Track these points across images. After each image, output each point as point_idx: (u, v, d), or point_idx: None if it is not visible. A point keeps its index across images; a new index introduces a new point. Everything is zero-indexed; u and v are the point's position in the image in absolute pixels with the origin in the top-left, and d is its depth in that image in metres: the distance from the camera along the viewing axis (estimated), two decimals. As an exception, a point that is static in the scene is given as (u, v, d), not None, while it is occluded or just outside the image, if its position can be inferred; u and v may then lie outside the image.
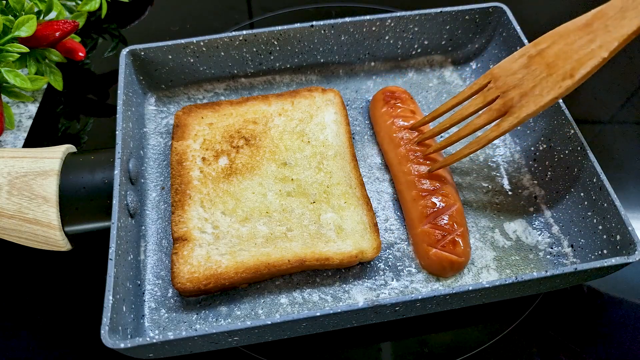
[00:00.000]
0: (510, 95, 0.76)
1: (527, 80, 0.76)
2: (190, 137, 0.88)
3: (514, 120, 0.76)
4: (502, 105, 0.77)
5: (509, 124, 0.76)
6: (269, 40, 0.95)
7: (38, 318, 0.80)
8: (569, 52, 0.73)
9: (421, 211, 0.80)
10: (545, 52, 0.75)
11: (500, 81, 0.79)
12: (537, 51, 0.76)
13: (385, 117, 0.90)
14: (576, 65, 0.71)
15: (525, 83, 0.76)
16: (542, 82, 0.74)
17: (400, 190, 0.85)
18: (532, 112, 0.74)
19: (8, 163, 0.75)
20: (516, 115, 0.76)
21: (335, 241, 0.78)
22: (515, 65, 0.78)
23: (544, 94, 0.74)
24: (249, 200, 0.82)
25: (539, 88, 0.74)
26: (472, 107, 0.81)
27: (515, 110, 0.76)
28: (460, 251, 0.77)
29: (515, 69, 0.78)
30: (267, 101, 0.93)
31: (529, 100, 0.75)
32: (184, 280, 0.73)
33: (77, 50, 1.03)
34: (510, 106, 0.76)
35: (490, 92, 0.79)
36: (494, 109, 0.78)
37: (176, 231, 0.78)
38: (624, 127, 1.03)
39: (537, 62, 0.75)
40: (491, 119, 0.78)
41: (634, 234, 0.72)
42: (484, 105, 0.80)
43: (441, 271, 0.78)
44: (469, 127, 0.80)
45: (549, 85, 0.73)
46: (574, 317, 0.80)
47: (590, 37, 0.71)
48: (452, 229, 0.78)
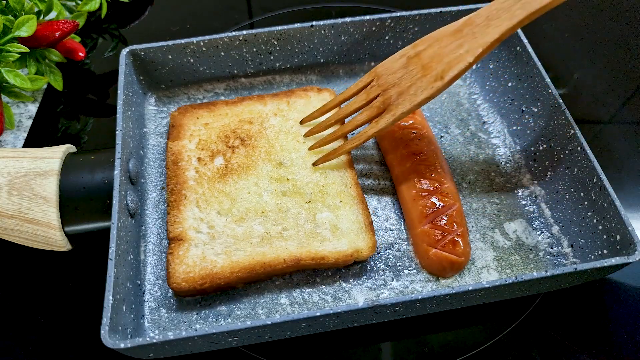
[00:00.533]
0: (390, 93, 0.80)
1: (404, 79, 0.79)
2: (186, 137, 0.88)
3: (390, 117, 0.79)
4: (381, 103, 0.81)
5: (386, 122, 0.79)
6: (269, 40, 0.95)
7: (38, 318, 0.80)
8: (441, 55, 0.76)
9: (421, 211, 0.80)
10: (422, 54, 0.78)
11: (382, 79, 0.82)
12: (415, 52, 0.80)
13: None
14: (446, 67, 0.74)
15: (403, 82, 0.79)
16: (417, 82, 0.77)
17: (400, 190, 0.85)
18: (406, 111, 0.77)
19: (8, 163, 0.75)
20: (392, 113, 0.79)
21: (330, 240, 0.78)
22: (396, 65, 0.81)
23: (417, 94, 0.77)
24: (245, 200, 0.82)
25: (414, 88, 0.77)
26: (355, 104, 0.85)
27: (392, 109, 0.79)
28: (460, 251, 0.77)
29: (396, 68, 0.81)
30: (263, 101, 0.93)
31: (405, 99, 0.78)
32: (179, 280, 0.73)
33: (77, 50, 1.03)
34: (389, 104, 0.80)
35: (372, 90, 0.83)
36: (374, 107, 0.82)
37: (172, 231, 0.78)
38: (624, 127, 1.03)
39: (415, 63, 0.79)
40: (372, 116, 0.82)
41: (634, 234, 0.72)
42: (366, 102, 0.84)
43: (441, 271, 0.78)
44: (352, 124, 0.84)
45: (423, 86, 0.76)
46: (574, 317, 0.80)
47: (460, 42, 0.75)
48: (452, 229, 0.78)
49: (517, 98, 0.94)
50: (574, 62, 1.12)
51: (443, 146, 0.94)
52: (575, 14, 1.22)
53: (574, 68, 1.11)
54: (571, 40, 1.17)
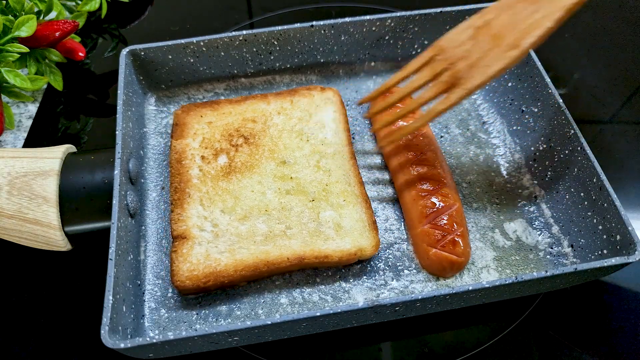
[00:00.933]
0: (458, 67, 0.76)
1: (474, 51, 0.75)
2: (190, 135, 0.89)
3: (461, 92, 0.75)
4: (449, 77, 0.76)
5: (457, 96, 0.75)
6: (269, 40, 0.95)
7: (38, 318, 0.80)
8: (515, 22, 0.72)
9: (421, 211, 0.80)
10: (492, 23, 0.74)
11: (447, 53, 0.77)
12: (484, 22, 0.75)
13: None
14: (521, 35, 0.71)
15: (472, 54, 0.75)
16: (489, 53, 0.73)
17: (400, 190, 0.85)
18: (479, 83, 0.74)
19: (8, 163, 0.75)
20: (464, 87, 0.75)
21: (334, 239, 0.78)
22: (462, 37, 0.77)
23: (491, 65, 0.73)
24: (248, 199, 0.82)
25: (486, 59, 0.73)
26: (419, 80, 0.80)
27: (462, 82, 0.75)
28: (460, 251, 0.77)
29: (462, 40, 0.76)
30: (266, 100, 0.93)
31: (476, 71, 0.74)
32: (183, 278, 0.74)
33: (77, 50, 1.03)
34: (458, 78, 0.75)
35: (437, 64, 0.78)
36: (441, 81, 0.77)
37: (175, 229, 0.78)
38: (624, 127, 1.03)
39: (484, 33, 0.74)
40: (439, 91, 0.77)
41: (634, 234, 0.72)
42: (431, 78, 0.79)
43: (441, 271, 0.78)
44: (418, 101, 0.79)
45: (496, 56, 0.73)
46: (574, 317, 0.80)
47: (535, 7, 0.71)
48: (451, 229, 0.78)
49: (517, 98, 0.94)
50: (574, 62, 1.12)
51: (443, 146, 0.94)
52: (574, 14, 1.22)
53: (574, 68, 1.11)
54: (571, 40, 1.17)
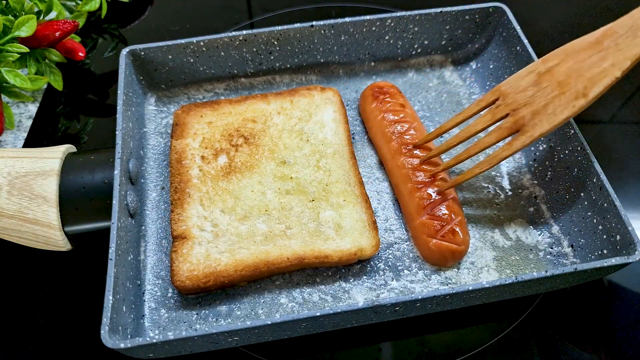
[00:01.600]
0: (522, 113, 0.75)
1: (538, 98, 0.75)
2: (190, 135, 0.89)
3: (526, 139, 0.75)
4: (513, 124, 0.76)
5: (522, 143, 0.75)
6: (269, 40, 0.95)
7: (38, 318, 0.80)
8: (580, 70, 0.72)
9: (418, 203, 0.80)
10: (555, 70, 0.74)
11: (509, 98, 0.78)
12: (547, 68, 0.75)
13: (376, 113, 0.91)
14: (589, 84, 0.70)
15: (536, 101, 0.75)
16: (555, 101, 0.73)
17: (396, 185, 0.85)
18: (545, 131, 0.74)
19: (8, 163, 0.75)
20: (529, 134, 0.75)
21: (334, 239, 0.78)
22: (524, 82, 0.77)
23: (557, 113, 0.73)
24: (248, 199, 0.82)
25: (552, 106, 0.73)
26: (480, 125, 0.80)
27: (527, 129, 0.75)
28: (460, 240, 0.77)
29: (525, 86, 0.76)
30: (266, 100, 0.93)
31: (542, 118, 0.74)
32: (183, 278, 0.74)
33: (77, 50, 1.03)
34: (522, 124, 0.75)
35: (499, 109, 0.78)
36: (504, 127, 0.77)
37: (175, 229, 0.78)
38: (624, 127, 1.03)
39: (548, 80, 0.74)
40: (502, 137, 0.77)
41: (634, 234, 0.72)
42: (492, 122, 0.79)
43: (442, 261, 0.78)
44: (479, 145, 0.79)
45: (563, 104, 0.72)
46: (574, 317, 0.80)
47: (602, 55, 0.70)
48: (450, 219, 0.78)
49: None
50: (574, 62, 1.12)
51: (443, 146, 0.94)
52: (575, 14, 1.22)
53: (574, 68, 1.11)
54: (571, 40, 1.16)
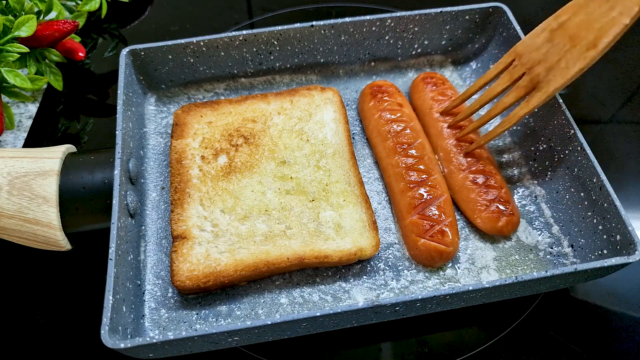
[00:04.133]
0: (537, 70, 0.78)
1: (551, 54, 0.76)
2: (190, 135, 0.89)
3: (542, 95, 0.77)
4: (529, 82, 0.78)
5: (538, 100, 0.77)
6: (269, 40, 0.95)
7: (38, 318, 0.80)
8: (590, 21, 0.73)
9: (409, 202, 0.80)
10: (567, 24, 0.75)
11: (524, 58, 0.80)
12: (559, 24, 0.77)
13: (373, 111, 0.91)
14: (598, 34, 0.71)
15: (550, 57, 0.76)
16: (567, 55, 0.74)
17: (389, 183, 0.85)
18: (559, 86, 0.75)
19: (8, 163, 0.75)
20: (544, 90, 0.77)
21: (334, 239, 0.78)
22: (538, 40, 0.78)
23: (569, 66, 0.74)
24: (248, 199, 0.82)
25: (564, 61, 0.75)
26: (499, 87, 0.83)
27: (543, 86, 0.77)
28: (449, 241, 0.77)
29: (539, 43, 0.78)
30: (266, 100, 0.93)
31: (555, 74, 0.76)
32: (183, 278, 0.74)
33: (77, 50, 1.03)
34: (538, 82, 0.77)
35: (516, 69, 0.81)
36: (521, 86, 0.79)
37: (175, 229, 0.78)
38: (624, 127, 1.03)
39: (560, 35, 0.76)
40: (520, 95, 0.80)
41: (634, 234, 0.72)
42: (511, 83, 0.81)
43: (430, 261, 0.78)
44: (499, 106, 0.82)
45: (574, 57, 0.74)
46: (574, 317, 0.80)
47: (610, 5, 0.71)
48: (440, 219, 0.78)
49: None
50: (574, 62, 1.12)
51: (443, 146, 0.94)
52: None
53: (574, 68, 1.11)
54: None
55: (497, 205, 0.80)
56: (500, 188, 0.82)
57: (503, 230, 0.80)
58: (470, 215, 0.82)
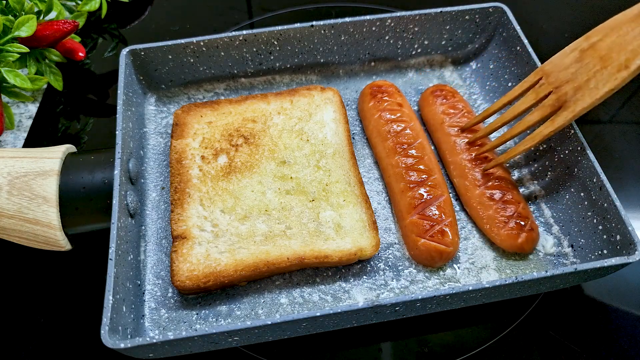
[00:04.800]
0: (564, 90, 0.77)
1: (580, 74, 0.76)
2: (190, 135, 0.89)
3: (569, 114, 0.76)
4: (555, 101, 0.78)
5: (564, 119, 0.77)
6: (269, 40, 0.95)
7: (38, 318, 0.80)
8: (623, 43, 0.72)
9: (409, 202, 0.80)
10: (598, 45, 0.75)
11: (552, 77, 0.79)
12: (589, 44, 0.76)
13: (373, 111, 0.91)
14: (631, 56, 0.71)
15: (579, 77, 0.76)
16: (597, 75, 0.74)
17: (389, 183, 0.85)
18: (588, 106, 0.74)
19: (8, 163, 0.75)
20: (571, 110, 0.76)
21: (334, 239, 0.78)
22: (567, 60, 0.78)
23: (599, 87, 0.73)
24: (248, 199, 0.82)
25: (594, 81, 0.74)
26: (524, 105, 0.82)
27: (570, 105, 0.76)
28: (449, 241, 0.77)
29: (568, 63, 0.78)
30: (266, 100, 0.93)
31: (584, 93, 0.75)
32: (183, 278, 0.74)
33: (77, 50, 1.03)
34: (565, 101, 0.77)
35: (542, 88, 0.80)
36: (547, 105, 0.79)
37: (175, 229, 0.78)
38: (624, 127, 1.03)
39: (590, 56, 0.75)
40: (545, 115, 0.79)
41: (634, 234, 0.72)
42: (536, 102, 0.80)
43: (430, 261, 0.78)
44: (523, 124, 0.81)
45: (605, 78, 0.73)
46: (574, 317, 0.80)
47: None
48: (440, 219, 0.78)
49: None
50: (574, 62, 1.12)
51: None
52: (574, 14, 1.22)
53: (574, 68, 1.11)
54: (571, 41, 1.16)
55: (516, 221, 0.79)
56: (518, 203, 0.81)
57: (523, 246, 0.78)
58: (489, 233, 0.81)
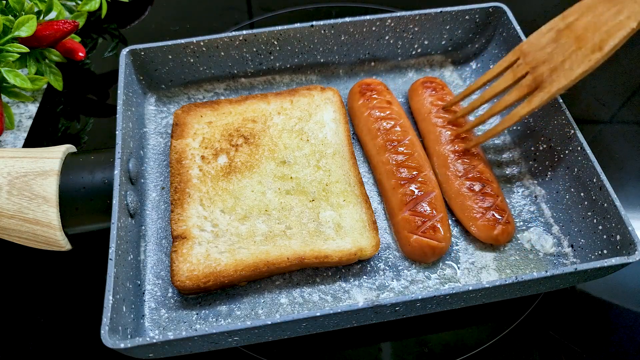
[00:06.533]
0: (540, 70, 0.77)
1: (556, 54, 0.76)
2: (190, 135, 0.89)
3: (544, 95, 0.76)
4: (532, 81, 0.78)
5: (540, 100, 0.77)
6: (269, 40, 0.95)
7: (38, 318, 0.80)
8: (598, 24, 0.72)
9: (400, 199, 0.80)
10: (574, 25, 0.75)
11: (529, 57, 0.79)
12: (566, 24, 0.76)
13: (363, 109, 0.91)
14: (605, 37, 0.71)
15: (554, 57, 0.76)
16: (572, 56, 0.74)
17: (380, 180, 0.86)
18: (562, 87, 0.75)
19: (8, 163, 0.75)
20: (547, 90, 0.76)
21: (334, 239, 0.78)
22: (544, 40, 0.78)
23: (574, 68, 0.74)
24: (248, 199, 0.82)
25: (569, 62, 0.74)
26: (502, 85, 0.82)
27: (545, 85, 0.76)
28: (441, 236, 0.77)
29: (544, 43, 0.78)
30: (266, 100, 0.93)
31: (559, 74, 0.75)
32: (183, 278, 0.74)
33: (77, 50, 1.03)
34: (541, 81, 0.77)
35: (519, 68, 0.80)
36: (524, 85, 0.79)
37: (175, 229, 0.78)
38: (624, 127, 1.03)
39: (566, 36, 0.75)
40: (522, 95, 0.79)
41: (634, 234, 0.72)
42: (514, 82, 0.81)
43: (422, 257, 0.78)
44: (501, 104, 0.81)
45: (579, 59, 0.73)
46: (574, 317, 0.80)
47: (618, 8, 0.71)
48: (431, 215, 0.79)
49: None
50: (574, 62, 1.12)
51: (443, 146, 0.94)
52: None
53: (574, 68, 1.11)
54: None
55: (493, 214, 0.79)
56: (497, 196, 0.81)
57: (498, 238, 0.79)
58: (466, 223, 0.82)
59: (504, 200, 0.83)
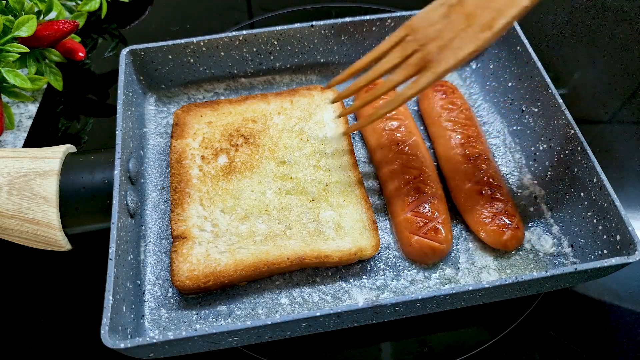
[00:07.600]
0: (429, 48, 0.70)
1: (446, 31, 0.69)
2: (190, 135, 0.89)
3: (431, 76, 0.70)
4: (420, 60, 0.71)
5: (427, 80, 0.70)
6: (269, 40, 0.95)
7: (38, 318, 0.80)
8: (489, 0, 0.67)
9: (403, 199, 0.80)
10: (465, 1, 0.68)
11: (418, 33, 0.71)
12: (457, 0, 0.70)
13: (367, 109, 0.91)
14: (496, 15, 0.66)
15: (444, 35, 0.69)
16: (461, 34, 0.68)
17: (383, 180, 0.86)
18: (449, 67, 0.68)
19: (8, 163, 0.75)
20: (433, 71, 0.69)
21: (334, 239, 0.78)
22: (435, 15, 0.70)
23: (462, 47, 0.67)
24: (248, 199, 0.82)
25: (458, 40, 0.68)
26: (389, 63, 0.74)
27: (433, 65, 0.69)
28: (442, 238, 0.77)
29: (435, 19, 0.70)
30: (266, 100, 0.93)
31: (448, 54, 0.68)
32: (183, 278, 0.74)
33: (77, 50, 1.03)
34: (429, 60, 0.70)
35: (408, 45, 0.72)
36: (411, 64, 0.71)
37: (175, 229, 0.78)
38: (624, 127, 1.03)
39: (457, 12, 0.68)
40: (409, 74, 0.72)
41: (634, 234, 0.72)
42: (402, 60, 0.73)
43: (423, 258, 0.78)
44: (386, 85, 0.74)
45: (468, 38, 0.67)
46: (574, 317, 0.80)
47: None
48: (433, 217, 0.78)
49: (517, 98, 0.94)
50: (574, 62, 1.12)
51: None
52: (575, 14, 1.22)
53: (574, 68, 1.11)
54: (571, 40, 1.17)
55: (503, 219, 0.79)
56: (507, 201, 0.81)
57: (507, 244, 0.79)
58: (475, 228, 0.81)
59: (514, 205, 0.82)
